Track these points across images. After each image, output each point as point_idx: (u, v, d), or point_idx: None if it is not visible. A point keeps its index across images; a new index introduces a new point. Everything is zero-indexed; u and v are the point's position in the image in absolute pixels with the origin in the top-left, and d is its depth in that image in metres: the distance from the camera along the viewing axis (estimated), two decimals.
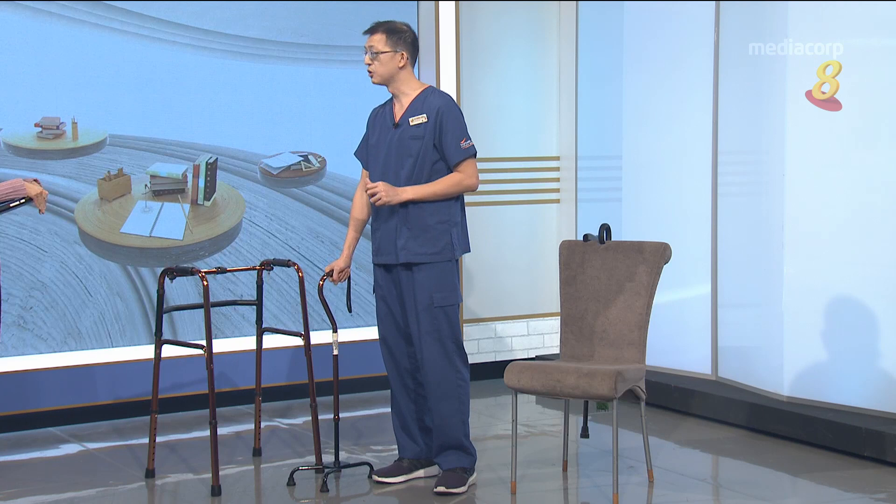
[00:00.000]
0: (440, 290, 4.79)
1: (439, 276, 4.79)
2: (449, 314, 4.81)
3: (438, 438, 4.89)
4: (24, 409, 6.07)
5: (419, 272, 4.79)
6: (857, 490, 4.89)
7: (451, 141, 4.78)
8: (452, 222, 4.84)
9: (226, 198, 6.54)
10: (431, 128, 4.78)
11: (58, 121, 6.10)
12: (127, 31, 6.24)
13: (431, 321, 4.78)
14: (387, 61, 4.79)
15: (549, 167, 7.51)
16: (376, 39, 4.79)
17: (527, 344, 7.46)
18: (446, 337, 4.81)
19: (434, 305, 4.77)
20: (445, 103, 4.82)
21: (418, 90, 4.86)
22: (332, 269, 4.99)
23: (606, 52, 7.04)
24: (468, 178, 4.82)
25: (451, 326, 4.82)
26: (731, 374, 6.33)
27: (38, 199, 5.00)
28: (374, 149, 4.92)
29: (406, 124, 4.82)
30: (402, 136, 4.82)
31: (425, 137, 4.78)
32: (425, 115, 4.79)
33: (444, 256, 4.81)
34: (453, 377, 4.83)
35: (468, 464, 4.91)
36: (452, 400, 4.83)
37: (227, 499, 4.85)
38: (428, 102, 4.82)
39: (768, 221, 5.98)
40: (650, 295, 4.94)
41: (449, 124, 4.77)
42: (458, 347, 4.85)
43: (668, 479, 5.07)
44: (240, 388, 6.50)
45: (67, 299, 6.15)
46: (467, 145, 4.80)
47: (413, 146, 4.79)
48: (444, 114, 4.78)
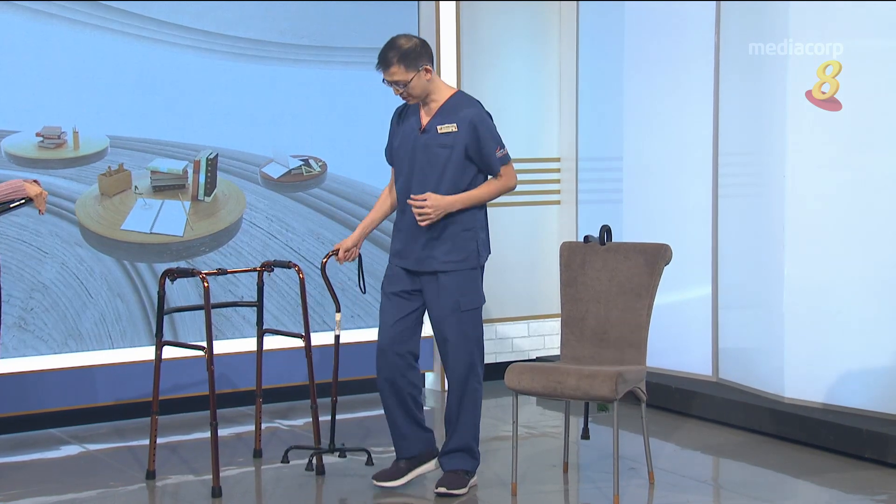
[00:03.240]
0: (465, 294, 4.76)
1: (465, 281, 4.77)
2: (474, 317, 4.80)
3: (450, 439, 4.87)
4: (25, 411, 6.06)
5: (444, 278, 4.75)
6: (858, 492, 4.89)
7: (488, 153, 4.73)
8: (478, 228, 4.81)
9: (226, 194, 6.54)
10: (464, 140, 4.70)
11: (59, 130, 6.09)
12: (127, 32, 6.24)
13: (458, 325, 4.75)
14: (417, 84, 4.68)
15: (550, 168, 7.51)
16: (395, 72, 4.65)
17: (527, 345, 7.45)
18: (472, 340, 4.78)
19: (461, 310, 4.74)
20: (477, 113, 4.74)
21: (447, 95, 4.78)
22: (339, 247, 4.95)
23: (607, 53, 7.04)
24: (509, 179, 4.81)
25: (476, 329, 4.80)
26: (731, 375, 6.33)
27: (37, 200, 4.99)
28: (399, 152, 4.84)
29: (434, 131, 4.73)
30: (428, 142, 4.74)
31: (455, 147, 4.71)
32: (455, 124, 4.72)
33: (470, 264, 4.78)
34: (474, 380, 4.81)
35: (471, 467, 4.90)
36: (469, 403, 4.82)
37: (228, 500, 4.85)
38: (458, 111, 4.74)
39: (769, 222, 5.97)
40: (651, 296, 4.93)
41: (485, 136, 4.72)
42: (481, 351, 4.84)
43: (669, 480, 5.06)
44: (240, 390, 6.49)
45: (68, 300, 6.15)
46: (503, 153, 4.77)
47: (441, 154, 4.71)
48: (477, 126, 4.72)
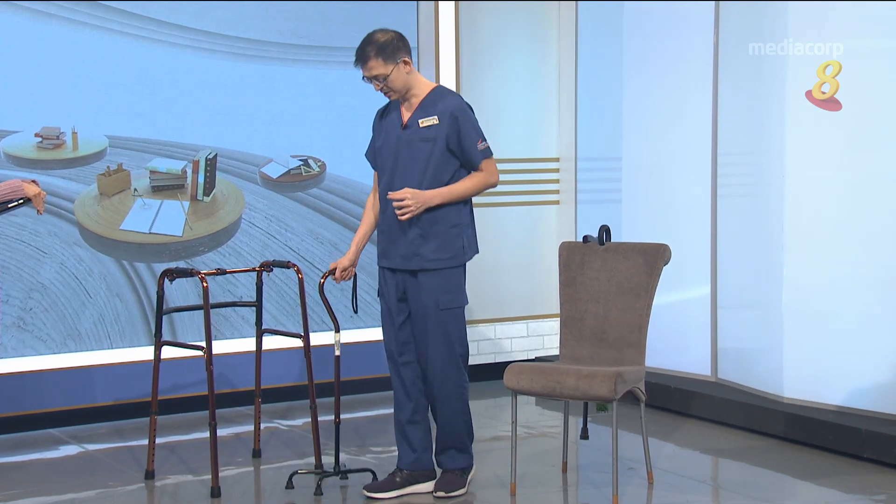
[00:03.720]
0: (447, 293, 4.71)
1: (447, 279, 4.71)
2: (456, 316, 4.75)
3: (441, 439, 4.86)
4: (24, 411, 6.06)
5: (426, 276, 4.70)
6: (857, 492, 4.89)
7: (469, 145, 4.68)
8: (465, 224, 4.76)
9: (225, 193, 6.54)
10: (445, 131, 4.66)
11: (58, 131, 6.09)
12: (126, 32, 6.24)
13: (439, 324, 4.71)
14: (396, 78, 4.65)
15: (549, 168, 7.51)
16: (373, 66, 4.64)
17: (526, 345, 7.45)
18: (454, 340, 4.74)
19: (441, 308, 4.70)
20: (458, 106, 4.70)
21: (427, 90, 4.74)
22: (336, 267, 4.90)
23: (606, 53, 7.04)
24: (490, 175, 4.75)
25: (459, 329, 4.76)
26: (730, 375, 6.33)
27: (36, 200, 4.99)
28: (381, 151, 4.80)
29: (415, 125, 4.70)
30: (410, 137, 4.70)
31: (437, 140, 4.66)
32: (436, 116, 4.68)
33: (456, 261, 4.74)
34: (458, 379, 4.77)
35: (466, 464, 4.88)
36: (456, 402, 4.78)
37: (227, 500, 4.85)
38: (438, 104, 4.70)
39: (768, 222, 5.97)
40: (650, 296, 4.93)
41: (466, 128, 4.67)
42: (464, 350, 4.80)
43: (668, 480, 5.06)
44: (239, 390, 6.49)
45: (67, 300, 6.15)
46: (484, 146, 4.71)
47: (423, 149, 4.67)
48: (458, 117, 4.67)
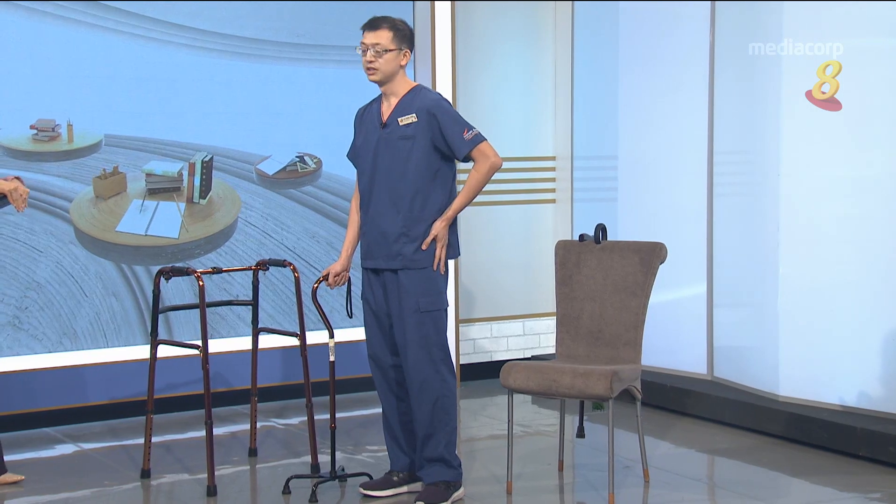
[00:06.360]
0: (427, 295, 4.62)
1: (427, 280, 4.62)
2: (436, 320, 4.65)
3: (422, 450, 4.73)
4: (19, 410, 6.06)
5: (406, 276, 4.62)
6: (852, 490, 4.90)
7: (454, 137, 4.59)
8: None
9: (221, 196, 6.53)
10: (424, 128, 4.61)
11: (53, 123, 6.09)
12: (122, 30, 6.23)
13: (418, 327, 4.61)
14: (391, 59, 4.62)
15: (545, 167, 7.51)
16: (383, 36, 4.62)
17: (523, 344, 7.45)
18: (433, 343, 4.63)
19: (420, 310, 4.61)
20: (434, 102, 4.65)
21: (407, 89, 4.70)
22: (329, 272, 4.83)
23: (602, 52, 7.04)
24: (487, 160, 4.60)
25: (438, 333, 4.66)
26: (726, 373, 6.33)
27: (11, 196, 4.71)
28: (362, 150, 4.77)
29: (395, 124, 4.66)
30: (389, 136, 4.66)
31: (416, 138, 4.61)
32: (414, 114, 4.63)
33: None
34: (438, 385, 4.64)
35: (451, 477, 4.72)
36: (436, 409, 4.64)
37: (223, 499, 4.85)
38: (416, 102, 4.66)
39: (764, 221, 5.98)
40: (646, 295, 4.93)
41: (445, 122, 4.60)
42: (444, 355, 4.67)
43: (664, 478, 5.07)
44: (235, 389, 6.49)
45: (63, 299, 6.14)
46: (471, 134, 4.60)
47: (402, 147, 4.62)
48: (436, 113, 4.61)
